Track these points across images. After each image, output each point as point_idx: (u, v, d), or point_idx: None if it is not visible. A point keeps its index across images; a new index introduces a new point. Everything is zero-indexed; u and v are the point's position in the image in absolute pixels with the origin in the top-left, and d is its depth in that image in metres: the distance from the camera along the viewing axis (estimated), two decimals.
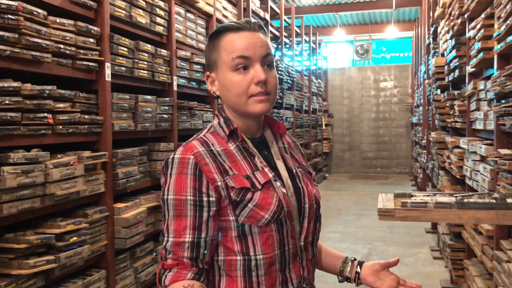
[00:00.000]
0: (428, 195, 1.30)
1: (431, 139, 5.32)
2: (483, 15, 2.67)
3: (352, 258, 1.27)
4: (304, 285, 1.12)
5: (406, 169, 12.42)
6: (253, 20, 1.15)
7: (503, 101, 2.24)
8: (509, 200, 1.20)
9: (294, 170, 1.17)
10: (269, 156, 1.16)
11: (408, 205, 1.21)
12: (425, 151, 6.88)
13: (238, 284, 1.06)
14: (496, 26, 2.40)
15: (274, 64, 1.16)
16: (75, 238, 2.50)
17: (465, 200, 1.23)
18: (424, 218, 1.20)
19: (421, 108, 8.01)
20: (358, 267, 1.23)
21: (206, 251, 1.05)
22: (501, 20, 2.23)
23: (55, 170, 2.36)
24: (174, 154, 1.07)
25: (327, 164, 12.85)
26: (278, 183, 1.09)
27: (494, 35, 2.40)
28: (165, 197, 1.05)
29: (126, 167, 3.03)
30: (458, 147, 3.49)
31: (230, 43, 1.10)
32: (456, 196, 1.27)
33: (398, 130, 12.67)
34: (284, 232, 1.07)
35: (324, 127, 12.18)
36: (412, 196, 1.30)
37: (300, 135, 9.44)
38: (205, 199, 1.03)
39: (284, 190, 1.09)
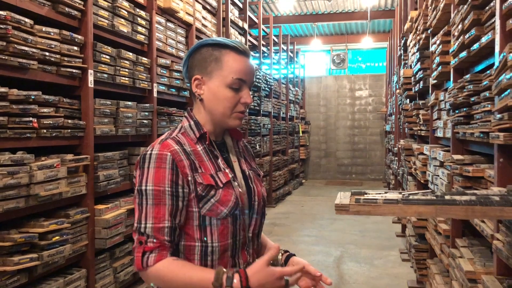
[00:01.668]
0: (379, 193, 1.48)
1: (399, 146, 5.57)
2: (441, 32, 2.90)
3: (282, 251, 1.39)
4: None
5: (380, 175, 12.75)
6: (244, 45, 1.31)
7: (457, 111, 2.46)
8: (447, 197, 1.39)
9: (247, 172, 1.36)
10: (228, 158, 1.34)
11: (361, 201, 1.39)
12: (396, 158, 7.14)
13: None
14: (452, 42, 2.63)
15: None
16: (57, 237, 2.61)
17: (410, 197, 1.41)
18: (374, 212, 1.38)
19: (393, 116, 8.30)
20: (284, 261, 1.36)
21: (178, 233, 1.21)
22: (455, 37, 2.46)
23: (39, 172, 2.47)
24: (152, 150, 1.22)
25: (304, 170, 13.09)
26: (236, 183, 1.28)
27: (450, 50, 2.63)
28: (143, 188, 1.19)
29: (107, 170, 3.14)
30: (422, 153, 3.72)
31: (234, 63, 1.26)
32: (404, 194, 1.46)
33: (372, 137, 13.01)
34: (238, 225, 1.26)
35: (301, 134, 12.43)
36: (366, 194, 1.48)
37: (277, 142, 9.64)
38: (180, 190, 1.19)
39: (240, 190, 1.27)
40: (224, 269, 1.13)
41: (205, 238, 1.22)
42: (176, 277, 1.15)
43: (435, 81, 3.34)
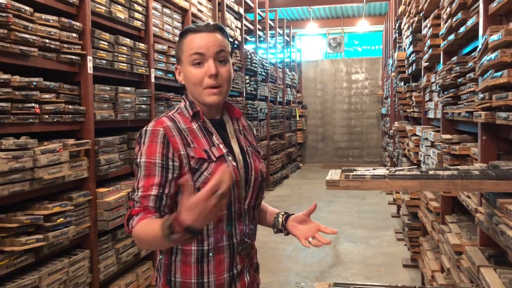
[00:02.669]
0: (367, 170, 1.57)
1: (394, 128, 5.66)
2: (432, 15, 2.97)
3: (283, 213, 1.52)
4: (245, 239, 1.40)
5: (376, 158, 12.87)
6: (212, 22, 1.39)
7: (446, 92, 2.54)
8: (430, 172, 1.49)
9: (245, 148, 1.44)
10: (225, 135, 1.42)
11: (350, 177, 1.48)
12: (392, 141, 7.24)
13: None
14: (441, 25, 2.70)
15: (230, 59, 1.40)
16: (61, 219, 2.70)
17: (397, 172, 1.50)
18: (362, 187, 1.47)
19: (389, 99, 8.37)
20: (285, 220, 1.50)
21: (166, 203, 1.28)
22: (444, 21, 2.53)
23: (42, 156, 2.54)
24: (147, 127, 1.33)
25: (301, 154, 13.20)
26: (230, 158, 1.36)
27: (440, 33, 2.70)
28: (138, 160, 1.30)
29: (108, 154, 3.23)
30: (415, 134, 3.81)
31: (189, 42, 1.35)
32: (390, 170, 1.55)
33: (369, 121, 13.09)
34: (232, 197, 1.34)
35: (298, 118, 12.50)
36: (355, 170, 1.57)
37: (274, 126, 9.71)
38: (170, 163, 1.29)
39: (234, 163, 1.36)
40: (167, 219, 1.10)
41: None
42: (146, 233, 1.20)
43: (426, 63, 3.41)
